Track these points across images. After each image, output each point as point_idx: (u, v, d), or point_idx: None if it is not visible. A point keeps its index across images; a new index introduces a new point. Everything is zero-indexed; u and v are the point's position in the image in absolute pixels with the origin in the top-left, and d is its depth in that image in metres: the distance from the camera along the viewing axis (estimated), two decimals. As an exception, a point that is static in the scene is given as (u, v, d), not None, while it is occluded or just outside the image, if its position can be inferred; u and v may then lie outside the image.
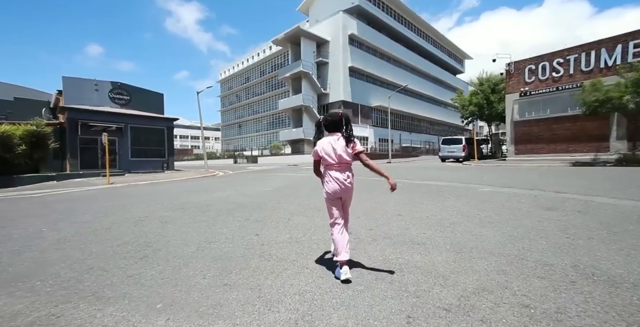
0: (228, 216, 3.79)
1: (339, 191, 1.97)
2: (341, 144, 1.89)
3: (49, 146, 13.75)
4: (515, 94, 14.45)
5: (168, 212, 4.12)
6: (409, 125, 41.53)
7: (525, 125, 14.11)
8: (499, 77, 19.06)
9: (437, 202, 4.40)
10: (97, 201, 5.87)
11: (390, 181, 1.92)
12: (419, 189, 5.95)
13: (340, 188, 1.95)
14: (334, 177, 1.94)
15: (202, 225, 3.34)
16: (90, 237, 2.91)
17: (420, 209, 3.99)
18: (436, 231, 2.87)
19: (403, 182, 7.32)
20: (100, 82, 16.44)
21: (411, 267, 2.00)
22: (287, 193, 5.91)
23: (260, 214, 3.89)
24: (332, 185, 1.95)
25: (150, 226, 3.36)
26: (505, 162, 13.94)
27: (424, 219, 3.39)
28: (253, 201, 5.00)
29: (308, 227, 3.17)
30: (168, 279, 1.86)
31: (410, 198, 4.84)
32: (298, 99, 31.23)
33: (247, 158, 35.87)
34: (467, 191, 5.48)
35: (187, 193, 6.59)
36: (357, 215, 3.69)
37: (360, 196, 5.20)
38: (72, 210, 4.76)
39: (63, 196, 7.34)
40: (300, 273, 1.95)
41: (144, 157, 16.62)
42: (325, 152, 1.92)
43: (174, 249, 2.49)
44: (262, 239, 2.75)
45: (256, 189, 6.80)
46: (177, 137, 76.54)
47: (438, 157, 19.38)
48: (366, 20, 34.77)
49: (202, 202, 5.04)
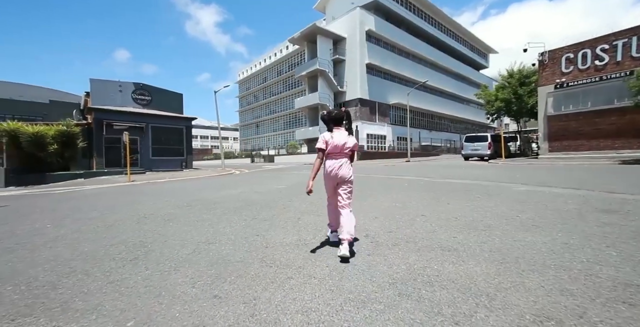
0: (234, 215, 3.54)
1: (337, 176, 2.20)
2: (345, 136, 2.19)
3: (78, 145, 14.40)
4: (550, 86, 13.24)
5: (174, 210, 3.95)
6: (428, 123, 40.08)
7: (562, 120, 12.88)
8: (530, 69, 17.67)
9: (465, 202, 3.92)
10: (112, 198, 5.88)
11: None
12: (442, 187, 5.44)
13: (336, 173, 2.19)
14: (333, 163, 2.19)
15: (205, 224, 3.10)
16: (88, 235, 2.75)
17: (446, 209, 3.54)
18: (469, 235, 2.44)
19: (423, 180, 6.81)
20: (123, 83, 17.04)
21: (443, 280, 1.62)
22: (300, 191, 5.61)
23: (268, 213, 3.61)
24: (333, 170, 2.18)
25: (152, 223, 3.17)
26: (538, 160, 12.84)
27: (452, 221, 2.95)
28: (264, 199, 4.74)
29: (319, 228, 2.84)
30: (152, 287, 1.60)
31: (433, 197, 4.38)
32: (314, 97, 30.98)
33: (264, 157, 36.17)
34: (499, 189, 4.91)
35: (200, 190, 6.48)
36: (374, 215, 3.31)
37: (377, 195, 4.79)
38: (84, 206, 4.74)
39: (83, 192, 7.50)
40: (306, 284, 1.62)
41: (164, 156, 17.03)
42: (333, 142, 2.16)
43: (168, 250, 2.25)
44: (266, 241, 2.46)
45: (269, 187, 6.57)
46: (198, 137, 79.06)
47: (461, 155, 18.38)
48: (384, 15, 33.86)
49: (211, 199, 4.85)
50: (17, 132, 12.63)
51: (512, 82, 17.76)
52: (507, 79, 18.24)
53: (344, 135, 2.18)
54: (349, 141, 2.18)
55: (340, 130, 2.21)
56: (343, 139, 2.17)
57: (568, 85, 12.65)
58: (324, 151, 2.19)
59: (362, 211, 3.56)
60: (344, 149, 2.17)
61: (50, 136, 13.22)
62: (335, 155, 2.20)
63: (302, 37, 31.73)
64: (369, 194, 4.94)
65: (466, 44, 48.45)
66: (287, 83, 45.44)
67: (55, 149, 13.40)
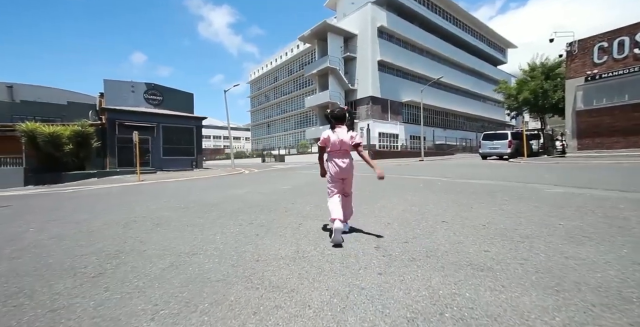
0: (230, 218, 3.21)
1: (340, 172, 2.35)
2: (345, 133, 2.29)
3: (92, 145, 14.66)
4: (579, 78, 12.20)
5: (168, 212, 3.66)
6: (443, 122, 38.86)
7: (593, 115, 11.84)
8: (554, 61, 16.51)
9: (492, 206, 3.43)
10: (114, 198, 5.71)
11: (377, 171, 2.24)
12: (462, 188, 4.93)
13: (341, 170, 2.33)
14: (337, 162, 2.33)
15: (195, 229, 2.77)
16: (64, 242, 2.48)
17: (471, 214, 3.06)
18: (504, 248, 1.99)
19: (440, 180, 6.28)
20: (135, 83, 17.25)
21: (481, 316, 1.19)
22: (305, 192, 5.24)
23: (268, 217, 3.25)
24: (334, 168, 2.34)
25: (139, 228, 2.88)
26: (565, 158, 11.90)
27: (480, 229, 2.49)
28: (266, 200, 4.40)
29: (322, 237, 2.45)
30: (101, 319, 1.26)
31: (453, 200, 3.89)
32: (325, 95, 30.58)
33: (275, 157, 36.13)
34: (529, 191, 4.36)
35: (203, 191, 6.23)
36: (387, 221, 2.89)
37: (390, 197, 4.35)
38: (83, 207, 4.56)
39: (90, 192, 7.43)
40: (298, 317, 1.24)
41: (175, 155, 17.12)
42: (332, 139, 2.30)
43: (142, 263, 1.92)
44: (259, 252, 2.09)
45: (274, 187, 6.24)
46: (211, 138, 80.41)
47: (478, 154, 17.50)
48: (397, 11, 33.01)
49: (211, 200, 4.56)
50: (35, 133, 12.96)
51: (538, 75, 16.59)
52: (530, 73, 17.09)
53: (344, 133, 2.31)
54: (347, 137, 2.29)
55: (342, 128, 2.33)
56: (342, 136, 2.30)
57: (601, 77, 11.60)
58: (324, 149, 2.43)
59: (372, 216, 3.14)
60: (343, 145, 2.31)
61: (65, 136, 13.49)
62: (337, 153, 2.36)
63: (312, 35, 31.38)
64: (381, 195, 4.51)
65: (483, 39, 46.68)
66: (297, 82, 45.27)
67: (70, 149, 13.66)
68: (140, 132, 15.84)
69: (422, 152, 22.04)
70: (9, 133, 13.97)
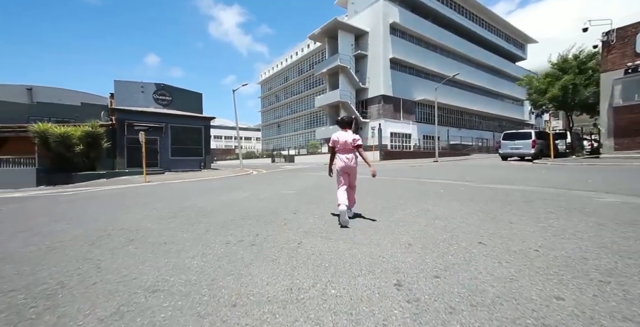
0: (218, 233, 2.71)
1: (345, 167, 2.94)
2: (350, 136, 2.93)
3: (102, 146, 14.68)
4: (618, 71, 11.03)
5: (152, 223, 3.21)
6: (458, 121, 37.46)
7: (634, 111, 10.63)
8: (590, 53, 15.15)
9: (534, 220, 2.79)
10: (109, 201, 5.38)
11: (371, 169, 2.96)
12: (491, 195, 4.26)
13: (346, 165, 2.93)
14: (342, 158, 2.93)
15: (172, 249, 2.29)
16: (4, 268, 2.04)
17: (512, 232, 2.45)
18: (584, 293, 1.39)
19: (463, 185, 5.61)
20: (145, 84, 17.23)
21: None
22: (311, 198, 4.71)
23: (262, 231, 2.74)
24: (341, 163, 2.94)
25: (107, 245, 2.43)
26: (600, 160, 10.83)
27: (533, 257, 1.88)
28: (265, 208, 3.89)
29: (326, 265, 1.91)
30: None
31: (484, 211, 3.26)
32: (335, 95, 29.98)
33: (285, 157, 35.84)
34: (575, 201, 3.66)
35: (201, 194, 5.81)
36: (407, 240, 2.32)
37: (409, 207, 3.74)
38: (67, 213, 4.21)
39: (91, 194, 7.18)
40: None
41: (183, 156, 16.98)
42: (339, 140, 2.95)
43: (79, 308, 1.43)
44: (239, 289, 1.57)
45: (277, 191, 5.74)
46: (222, 138, 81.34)
47: (498, 154, 16.48)
48: (409, 6, 32.00)
49: (204, 208, 4.09)
50: (46, 133, 13.04)
51: (571, 68, 15.25)
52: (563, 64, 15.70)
53: (349, 135, 2.91)
54: (350, 139, 2.89)
55: (348, 131, 2.95)
56: (347, 138, 2.90)
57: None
58: (334, 149, 3.01)
59: (389, 232, 2.57)
60: (347, 145, 2.91)
61: (76, 137, 13.53)
62: (344, 151, 2.93)
63: (322, 33, 30.85)
64: (397, 203, 3.91)
65: (501, 34, 44.80)
66: (308, 82, 44.88)
67: (81, 150, 13.70)
68: (149, 132, 15.79)
69: (437, 152, 21.09)
70: (22, 134, 14.17)
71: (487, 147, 35.93)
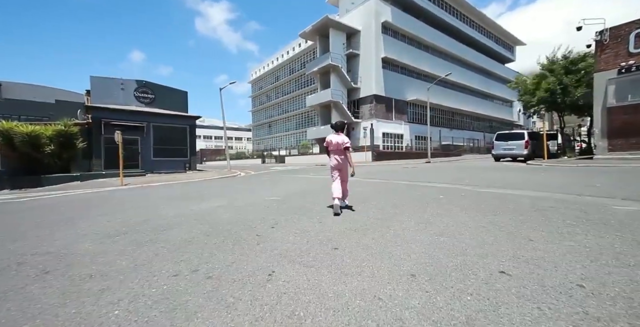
0: (168, 259, 2.13)
1: (338, 165, 3.55)
2: (342, 139, 3.53)
3: (77, 146, 13.72)
4: (611, 71, 10.87)
5: (91, 243, 2.59)
6: (449, 121, 37.54)
7: (628, 112, 10.49)
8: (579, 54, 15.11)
9: (559, 237, 2.32)
10: (62, 210, 4.68)
11: (351, 170, 3.62)
12: (497, 203, 3.80)
13: (338, 163, 3.54)
14: (336, 158, 3.55)
15: (93, 288, 1.69)
16: None
17: (538, 255, 1.96)
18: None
19: (463, 189, 5.15)
20: (125, 81, 16.29)
21: None
22: (295, 206, 4.15)
23: (226, 256, 2.17)
24: (334, 162, 3.55)
25: (8, 281, 1.81)
26: (594, 161, 10.64)
27: (582, 298, 1.39)
28: (238, 220, 3.32)
29: (300, 314, 1.36)
30: None
31: (494, 223, 2.78)
32: (326, 94, 29.46)
33: (276, 158, 35.11)
34: (593, 209, 3.23)
35: (170, 201, 5.16)
36: (408, 269, 1.79)
37: (405, 217, 3.21)
38: (9, 225, 3.52)
39: (49, 200, 6.42)
40: None
41: (166, 156, 16.12)
42: (332, 142, 3.54)
43: None
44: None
45: (259, 197, 5.15)
46: (212, 138, 79.81)
47: (491, 155, 16.29)
48: (401, 5, 31.80)
49: (165, 220, 3.48)
50: (10, 132, 12.04)
51: (557, 70, 15.25)
52: (550, 66, 15.72)
53: (341, 138, 3.55)
54: (341, 141, 3.52)
55: (341, 134, 3.59)
56: (339, 140, 3.54)
57: (638, 68, 10.29)
58: (327, 148, 3.64)
59: (385, 255, 2.05)
60: (339, 146, 3.54)
61: (46, 136, 12.56)
62: (336, 152, 3.58)
63: (313, 31, 30.29)
64: (392, 213, 3.40)
65: (491, 36, 45.26)
66: (299, 82, 44.27)
67: (52, 150, 12.72)
68: (129, 132, 14.88)
69: (429, 153, 20.85)
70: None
71: (479, 148, 36.09)
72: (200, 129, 75.03)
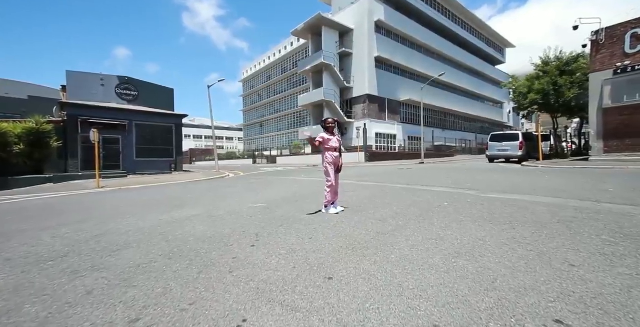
0: (99, 303, 1.58)
1: (334, 161, 3.75)
2: (335, 138, 3.81)
3: (51, 145, 12.79)
4: (607, 71, 10.73)
5: (3, 275, 2.01)
6: (441, 122, 37.59)
7: (624, 113, 10.37)
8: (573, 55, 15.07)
9: (607, 263, 1.87)
10: (13, 219, 4.03)
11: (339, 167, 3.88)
12: (512, 212, 3.37)
13: (335, 159, 3.75)
14: (333, 155, 3.75)
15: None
16: None
17: (591, 289, 1.50)
18: None
19: (468, 195, 4.73)
20: (106, 76, 15.38)
21: None
22: (282, 216, 3.63)
23: (185, 292, 1.63)
24: (331, 159, 3.73)
25: None
26: (591, 162, 10.49)
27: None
28: (213, 235, 2.77)
29: None
30: None
31: (518, 240, 2.33)
32: (319, 93, 28.95)
33: (267, 158, 34.37)
34: (626, 221, 2.82)
35: (138, 210, 4.55)
36: (427, 317, 1.29)
37: (410, 230, 2.72)
38: None
39: (11, 206, 5.70)
40: None
41: (150, 157, 15.30)
42: (328, 140, 3.75)
43: None
44: None
45: (242, 204, 4.60)
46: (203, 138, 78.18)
47: (485, 156, 16.12)
48: (394, 5, 31.57)
49: (122, 238, 2.88)
50: (-28, 130, 11.06)
51: (551, 71, 15.16)
52: (544, 67, 15.64)
53: (331, 135, 3.81)
54: (335, 139, 3.81)
55: (334, 133, 3.85)
56: (331, 138, 3.79)
57: (634, 69, 10.14)
58: (323, 144, 3.76)
59: (393, 290, 1.54)
60: (334, 145, 3.79)
61: (14, 135, 11.61)
62: (330, 149, 3.77)
63: (306, 29, 29.73)
64: (395, 226, 2.92)
65: (482, 38, 45.66)
66: (291, 81, 43.62)
67: (21, 149, 11.78)
68: (109, 130, 14.02)
69: (422, 153, 20.60)
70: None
71: (470, 149, 36.25)
72: (190, 129, 73.29)
